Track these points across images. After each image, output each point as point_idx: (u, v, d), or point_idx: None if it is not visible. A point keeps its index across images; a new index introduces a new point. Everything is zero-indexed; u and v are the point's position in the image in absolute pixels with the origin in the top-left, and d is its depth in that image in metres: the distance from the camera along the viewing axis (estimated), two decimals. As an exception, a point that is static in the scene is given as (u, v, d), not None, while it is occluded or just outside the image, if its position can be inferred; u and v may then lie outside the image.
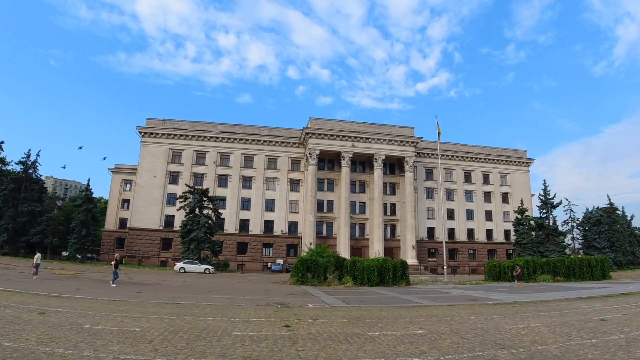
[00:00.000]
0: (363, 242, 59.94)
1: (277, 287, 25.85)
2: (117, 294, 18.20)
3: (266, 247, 58.79)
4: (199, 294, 20.28)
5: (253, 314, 12.99)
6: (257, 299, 18.20)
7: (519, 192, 67.38)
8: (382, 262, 30.30)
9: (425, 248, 62.59)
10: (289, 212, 59.83)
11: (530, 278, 36.00)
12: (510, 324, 11.68)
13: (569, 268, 36.84)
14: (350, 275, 29.22)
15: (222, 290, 22.64)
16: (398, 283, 29.51)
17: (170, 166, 59.54)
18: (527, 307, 16.82)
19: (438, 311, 14.96)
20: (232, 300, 17.63)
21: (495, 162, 68.35)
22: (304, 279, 28.76)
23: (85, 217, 52.20)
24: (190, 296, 18.67)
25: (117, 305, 14.27)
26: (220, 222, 57.84)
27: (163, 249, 57.07)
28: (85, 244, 52.03)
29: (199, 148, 60.27)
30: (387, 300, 19.47)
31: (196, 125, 60.95)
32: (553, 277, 35.93)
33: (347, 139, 58.23)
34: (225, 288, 24.60)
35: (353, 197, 60.03)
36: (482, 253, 65.11)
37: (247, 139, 60.66)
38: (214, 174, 59.59)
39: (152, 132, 59.58)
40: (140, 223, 57.37)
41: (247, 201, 59.56)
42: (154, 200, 58.13)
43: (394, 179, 63.48)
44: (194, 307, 14.54)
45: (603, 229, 60.99)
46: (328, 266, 29.69)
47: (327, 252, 32.46)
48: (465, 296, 21.84)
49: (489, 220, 66.53)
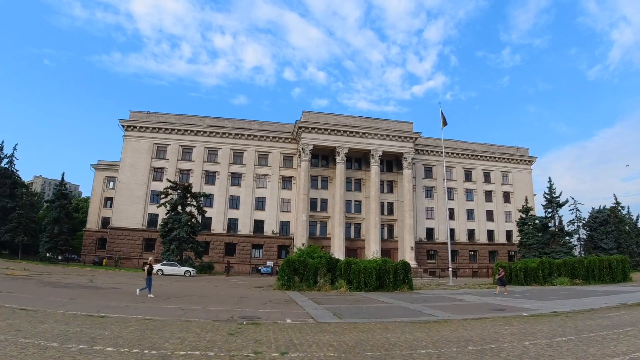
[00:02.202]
0: (359, 243, 55.19)
1: (256, 293, 21.08)
2: (39, 301, 13.59)
3: (256, 248, 53.88)
4: (151, 302, 15.53)
5: (192, 338, 8.30)
6: (220, 311, 13.44)
7: (521, 191, 62.97)
8: (382, 263, 25.59)
9: (424, 249, 57.93)
10: (280, 211, 54.98)
11: (546, 281, 31.54)
12: (592, 352, 7.07)
13: (587, 269, 32.44)
14: (345, 278, 24.49)
15: (185, 298, 17.87)
16: (400, 288, 24.82)
17: (154, 162, 54.61)
18: (581, 320, 12.23)
19: (467, 331, 10.29)
20: (185, 312, 12.87)
21: (497, 160, 63.95)
22: (290, 283, 24.00)
23: (59, 215, 46.97)
24: (133, 306, 13.92)
25: (10, 316, 9.57)
26: (207, 222, 53.08)
27: (146, 250, 51.92)
28: (58, 243, 46.74)
29: (185, 143, 55.41)
30: (392, 311, 14.76)
31: (182, 119, 56.15)
32: (571, 280, 31.45)
33: (342, 133, 53.61)
34: (194, 294, 19.82)
35: (348, 196, 55.35)
36: (483, 255, 60.56)
37: (236, 134, 55.88)
38: (200, 170, 54.71)
39: (135, 125, 54.70)
40: (122, 222, 52.34)
41: (235, 199, 54.69)
42: (136, 198, 53.15)
43: (392, 176, 58.89)
44: (118, 322, 9.84)
45: (610, 229, 56.70)
46: (319, 268, 24.94)
47: (318, 252, 27.69)
48: (487, 305, 17.18)
49: (490, 221, 62.01)
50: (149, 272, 18.35)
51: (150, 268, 18.69)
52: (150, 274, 18.32)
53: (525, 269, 31.94)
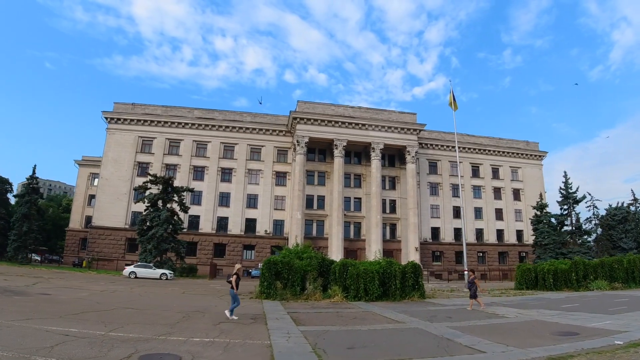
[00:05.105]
0: (359, 244, 49.44)
1: (221, 306, 15.43)
2: None
3: (247, 249, 48.20)
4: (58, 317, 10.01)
5: None
6: (123, 341, 7.84)
7: (532, 188, 57.17)
8: (386, 266, 19.92)
9: (429, 251, 52.06)
10: (274, 209, 49.30)
11: (581, 285, 25.86)
12: None
13: (627, 271, 26.65)
14: (340, 284, 18.88)
15: (105, 312, 12.23)
16: (409, 296, 19.17)
17: (139, 156, 49.14)
18: None
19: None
20: (60, 343, 7.27)
21: (506, 154, 58.20)
22: (271, 290, 18.34)
23: (28, 211, 41.39)
24: (17, 322, 8.30)
25: None
26: (195, 221, 47.59)
27: (129, 251, 46.27)
28: (27, 242, 41.10)
29: (172, 136, 49.95)
30: (407, 340, 9.14)
31: (170, 111, 50.74)
32: (609, 284, 25.73)
33: (341, 125, 48.07)
34: (130, 306, 14.20)
35: (347, 192, 49.68)
36: (492, 256, 54.62)
37: (227, 126, 50.38)
38: (188, 165, 49.18)
39: (119, 117, 49.34)
40: (104, 221, 46.79)
41: (226, 196, 49.08)
42: (119, 195, 47.64)
43: (394, 171, 53.22)
44: None
45: (629, 227, 50.77)
46: (308, 272, 19.31)
47: (308, 252, 22.04)
48: (541, 324, 11.53)
49: (499, 220, 56.10)
50: (236, 284, 12.50)
51: (238, 279, 12.68)
52: (237, 286, 12.50)
53: (555, 272, 26.22)
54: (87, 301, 15.45)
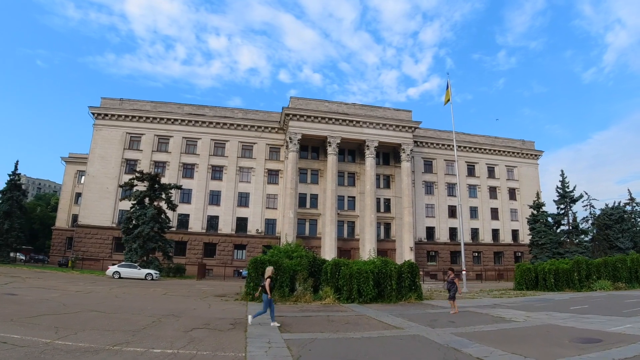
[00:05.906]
0: (352, 243, 48.11)
1: (201, 309, 13.95)
2: None
3: (238, 249, 46.62)
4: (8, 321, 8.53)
5: None
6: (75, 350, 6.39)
7: (528, 187, 56.29)
8: (381, 265, 18.57)
9: (424, 250, 50.90)
10: (265, 208, 47.80)
11: (583, 286, 24.69)
12: None
13: (630, 270, 25.59)
14: (332, 285, 17.50)
15: (74, 315, 10.73)
16: (405, 298, 17.85)
17: (127, 153, 47.38)
18: None
19: None
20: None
21: (501, 153, 57.24)
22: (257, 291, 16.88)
23: (9, 208, 39.53)
24: None
25: None
26: (185, 219, 45.98)
27: (116, 250, 44.43)
28: (8, 240, 39.23)
29: (161, 132, 48.24)
30: (408, 352, 7.77)
31: (159, 106, 49.02)
32: (613, 283, 24.63)
33: (335, 121, 46.71)
34: (98, 309, 12.66)
35: (341, 191, 48.33)
36: (488, 256, 53.60)
37: (217, 123, 48.79)
38: (178, 162, 47.52)
39: (107, 113, 47.52)
40: (90, 219, 44.98)
41: (216, 195, 47.48)
42: (106, 193, 45.85)
43: (389, 170, 51.99)
44: None
45: (626, 227, 50.00)
46: (297, 272, 17.91)
47: (299, 251, 20.65)
48: (557, 329, 10.22)
49: (495, 219, 55.10)
50: (270, 288, 10.79)
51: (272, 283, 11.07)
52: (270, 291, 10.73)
53: (556, 272, 25.06)
54: (53, 303, 13.92)
